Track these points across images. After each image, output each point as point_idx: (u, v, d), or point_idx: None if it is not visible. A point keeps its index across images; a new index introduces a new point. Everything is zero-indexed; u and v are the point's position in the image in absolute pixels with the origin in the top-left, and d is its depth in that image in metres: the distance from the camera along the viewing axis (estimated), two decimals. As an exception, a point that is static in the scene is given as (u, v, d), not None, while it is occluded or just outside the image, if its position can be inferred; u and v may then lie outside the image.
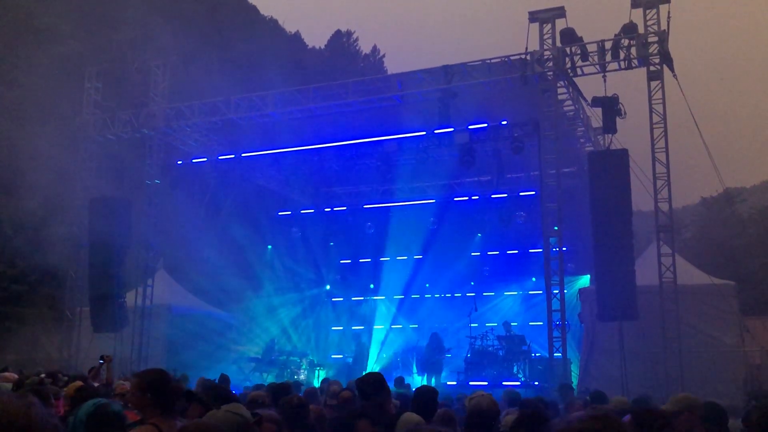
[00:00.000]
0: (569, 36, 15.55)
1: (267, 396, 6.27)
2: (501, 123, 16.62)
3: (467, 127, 16.68)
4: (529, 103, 16.98)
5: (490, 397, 5.13)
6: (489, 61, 16.29)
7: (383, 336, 22.46)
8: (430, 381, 17.43)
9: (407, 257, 22.54)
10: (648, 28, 15.19)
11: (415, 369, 18.85)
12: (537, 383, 16.06)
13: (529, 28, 15.85)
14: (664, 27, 15.00)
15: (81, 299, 19.02)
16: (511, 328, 18.25)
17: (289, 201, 23.21)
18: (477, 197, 20.52)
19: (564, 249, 15.69)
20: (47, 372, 10.57)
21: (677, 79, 15.12)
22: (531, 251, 20.54)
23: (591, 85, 15.89)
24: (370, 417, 4.27)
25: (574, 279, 19.13)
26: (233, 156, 18.97)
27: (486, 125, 16.72)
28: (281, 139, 19.54)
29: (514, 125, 16.41)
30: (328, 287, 24.41)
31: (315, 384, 15.52)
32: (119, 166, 19.00)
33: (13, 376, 10.23)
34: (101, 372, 9.80)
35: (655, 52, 15.03)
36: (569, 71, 15.65)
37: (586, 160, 15.83)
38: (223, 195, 19.46)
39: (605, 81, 15.40)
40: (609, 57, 15.25)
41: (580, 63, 15.54)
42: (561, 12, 15.73)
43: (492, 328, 19.01)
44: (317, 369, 20.37)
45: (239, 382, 15.69)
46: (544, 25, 15.84)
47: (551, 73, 15.70)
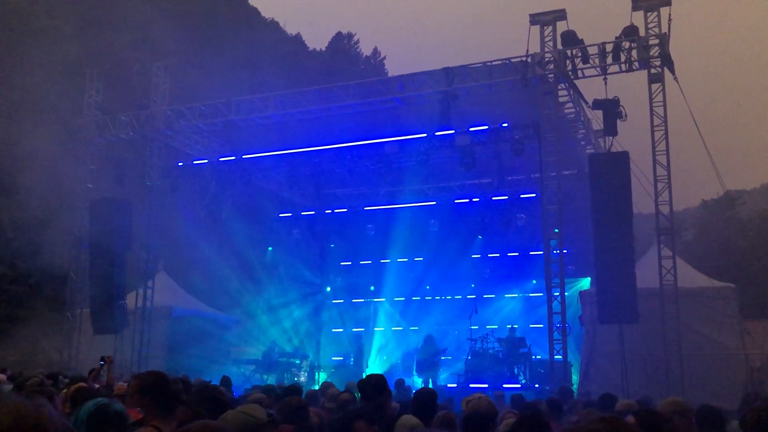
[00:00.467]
0: (570, 38, 15.55)
1: (268, 398, 6.26)
2: (502, 125, 16.61)
3: (468, 129, 16.68)
4: (530, 106, 16.95)
5: (487, 399, 5.13)
6: (490, 64, 16.29)
7: (383, 338, 22.45)
8: (427, 382, 17.41)
9: (408, 259, 22.54)
10: (649, 30, 15.19)
11: (415, 371, 18.84)
12: (537, 386, 16.05)
13: (530, 30, 15.87)
14: (665, 30, 15.01)
15: (81, 301, 19.03)
16: (516, 332, 18.22)
17: (290, 203, 23.21)
18: (478, 199, 20.50)
19: (564, 251, 15.66)
20: (48, 373, 10.56)
21: (678, 82, 15.14)
22: (531, 253, 20.52)
23: (592, 88, 15.91)
24: (366, 417, 4.25)
25: (574, 281, 19.13)
26: (234, 158, 18.98)
27: (487, 127, 16.72)
28: (282, 141, 19.55)
29: (514, 127, 16.40)
30: (328, 289, 24.40)
31: (315, 386, 15.50)
32: (120, 167, 19.00)
33: (2, 376, 10.24)
34: (102, 373, 9.80)
35: (656, 54, 15.03)
36: (570, 73, 15.65)
37: (586, 162, 15.82)
38: (224, 197, 19.43)
39: (606, 83, 15.41)
40: (610, 59, 15.25)
41: (581, 65, 15.53)
42: (562, 14, 15.74)
43: (492, 330, 19.00)
44: (317, 371, 20.36)
45: (239, 384, 15.68)
46: (545, 28, 15.85)
47: (552, 76, 15.69)
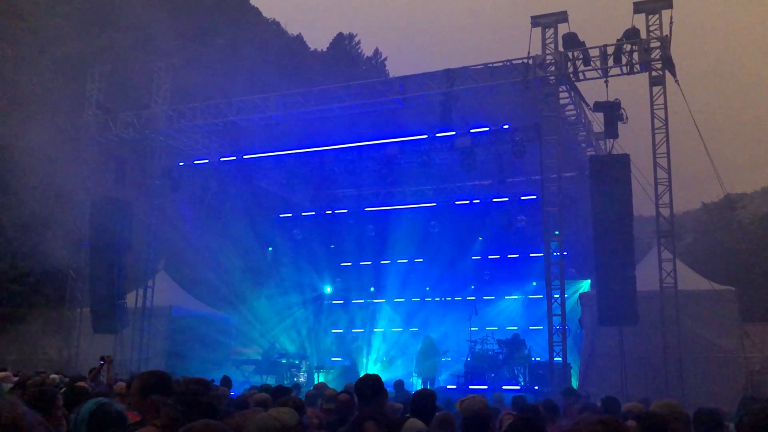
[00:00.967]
0: (571, 41, 15.55)
1: (270, 399, 6.26)
2: (502, 127, 16.62)
3: (469, 131, 16.69)
4: (531, 108, 16.97)
5: (481, 399, 5.13)
6: (491, 65, 16.30)
7: (383, 339, 22.44)
8: (425, 384, 17.41)
9: (408, 260, 22.53)
10: (650, 33, 15.19)
11: (414, 372, 18.84)
12: (537, 387, 16.05)
13: (532, 32, 15.86)
14: (666, 32, 15.01)
15: (81, 300, 19.04)
16: (517, 334, 18.21)
17: (290, 203, 23.22)
18: (478, 201, 20.49)
19: (565, 253, 15.66)
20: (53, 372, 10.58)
21: (679, 85, 15.15)
22: (531, 255, 20.49)
23: (593, 90, 15.91)
24: (376, 418, 4.28)
25: (574, 283, 19.13)
26: (234, 158, 18.99)
27: (487, 129, 16.73)
28: (283, 141, 19.55)
29: (515, 129, 16.40)
30: (328, 290, 24.40)
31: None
32: (121, 167, 19.02)
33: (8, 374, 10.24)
34: (101, 373, 9.80)
35: (657, 57, 15.03)
36: (571, 76, 15.66)
37: (587, 164, 15.81)
38: (224, 197, 19.44)
39: (607, 86, 15.41)
40: (611, 62, 15.24)
41: (582, 68, 15.54)
42: (563, 16, 15.75)
43: (492, 332, 19.00)
44: (317, 372, 20.36)
45: (239, 384, 15.68)
46: (546, 30, 15.85)
47: (553, 78, 15.70)
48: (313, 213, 22.99)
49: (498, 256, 21.95)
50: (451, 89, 16.15)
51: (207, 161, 19.47)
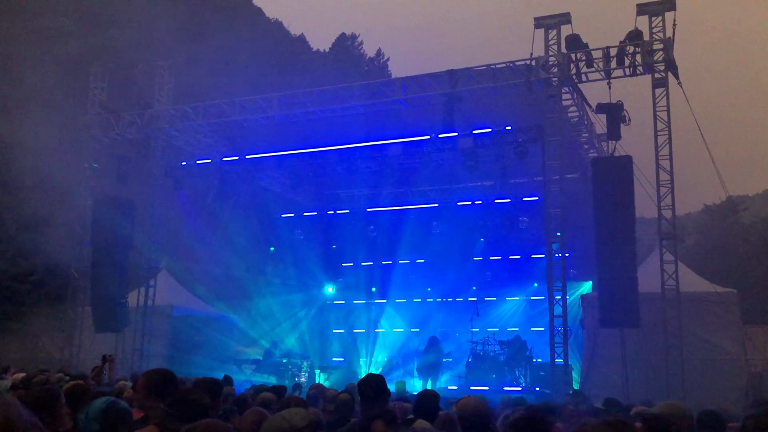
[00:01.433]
0: (574, 42, 15.56)
1: (275, 399, 6.28)
2: (505, 128, 16.61)
3: (471, 132, 16.68)
4: (534, 109, 16.97)
5: (475, 399, 5.15)
6: (494, 66, 16.29)
7: (385, 339, 22.45)
8: (427, 384, 17.42)
9: (409, 261, 22.54)
10: (653, 35, 15.19)
11: (416, 373, 18.85)
12: (538, 389, 16.06)
13: (535, 33, 15.86)
14: (669, 34, 15.02)
15: (83, 299, 19.06)
16: (519, 336, 18.20)
17: (292, 203, 23.22)
18: (480, 202, 20.50)
19: (566, 255, 15.65)
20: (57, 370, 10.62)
21: (682, 87, 15.13)
22: (533, 257, 20.52)
23: (595, 92, 15.91)
24: (385, 418, 4.31)
25: (576, 285, 19.13)
26: (237, 158, 19.01)
27: (490, 130, 16.72)
28: (285, 142, 19.56)
29: (518, 130, 16.40)
30: (330, 290, 24.41)
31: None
32: (123, 166, 19.03)
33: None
34: (103, 372, 9.81)
35: (660, 59, 15.03)
36: (574, 77, 15.65)
37: (589, 166, 15.82)
38: (227, 196, 19.46)
39: (610, 87, 15.40)
40: (614, 64, 15.24)
41: (585, 69, 15.53)
42: (566, 18, 15.75)
43: (494, 333, 19.00)
44: (318, 372, 20.37)
45: (240, 383, 15.69)
46: (549, 31, 15.85)
47: (556, 79, 15.71)
48: (315, 213, 22.99)
49: (500, 257, 21.95)
50: (454, 90, 16.15)
51: (209, 161, 19.49)
